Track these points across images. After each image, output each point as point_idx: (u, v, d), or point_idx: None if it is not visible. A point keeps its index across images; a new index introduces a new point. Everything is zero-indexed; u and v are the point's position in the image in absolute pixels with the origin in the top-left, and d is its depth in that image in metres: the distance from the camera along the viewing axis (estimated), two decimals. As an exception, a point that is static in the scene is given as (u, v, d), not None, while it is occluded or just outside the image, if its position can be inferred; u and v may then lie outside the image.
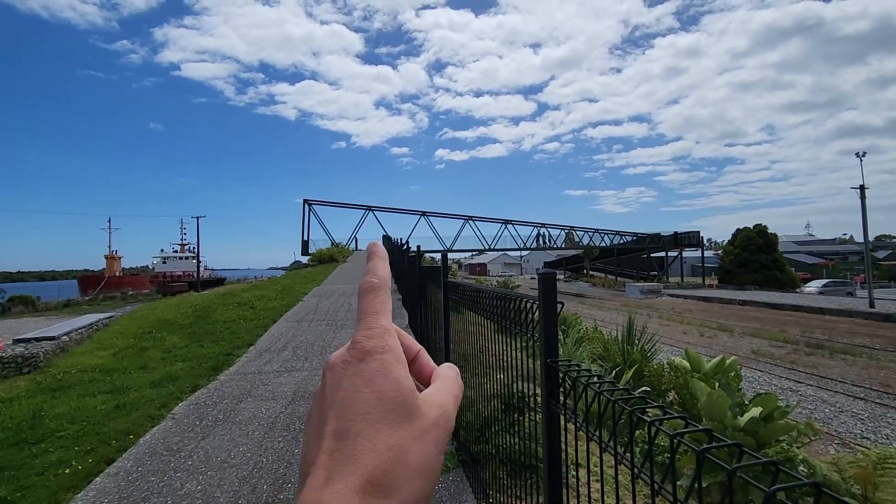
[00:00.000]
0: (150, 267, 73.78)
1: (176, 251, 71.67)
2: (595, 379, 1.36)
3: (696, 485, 0.86)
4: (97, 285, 53.07)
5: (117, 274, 61.80)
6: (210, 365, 7.07)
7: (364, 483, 0.29)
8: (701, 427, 0.95)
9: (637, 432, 1.16)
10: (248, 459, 3.97)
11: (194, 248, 55.45)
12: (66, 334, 10.03)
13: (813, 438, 4.19)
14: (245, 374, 6.52)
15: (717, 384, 4.59)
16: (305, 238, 38.39)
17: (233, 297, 14.64)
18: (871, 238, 30.68)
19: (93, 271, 68.41)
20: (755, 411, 3.69)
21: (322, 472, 0.30)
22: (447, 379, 0.40)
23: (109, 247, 65.73)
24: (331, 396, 0.34)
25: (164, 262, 68.54)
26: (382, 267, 0.41)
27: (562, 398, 1.57)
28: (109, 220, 67.79)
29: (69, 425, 5.14)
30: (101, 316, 13.65)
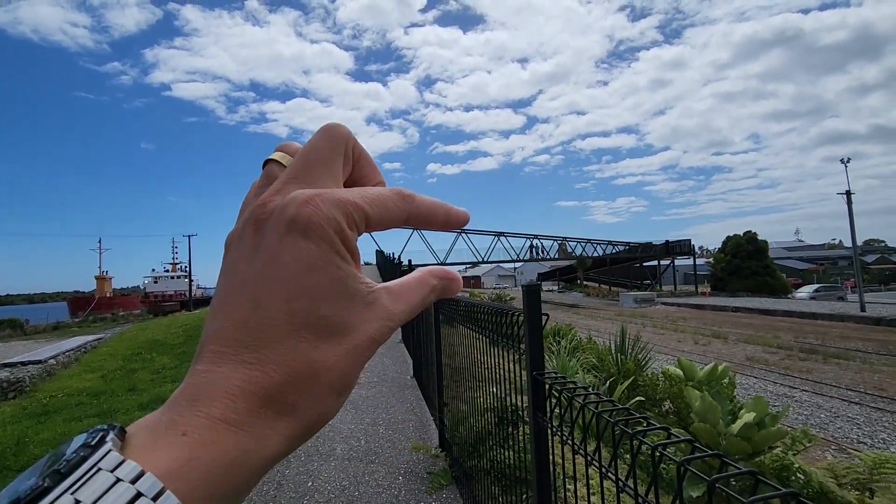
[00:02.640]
0: (142, 287, 73.17)
1: (167, 271, 71.15)
2: (581, 391, 1.34)
3: (679, 497, 0.84)
4: (87, 307, 52.45)
5: (108, 295, 61.20)
6: (200, 385, 6.96)
7: (265, 398, 0.23)
8: (683, 438, 0.94)
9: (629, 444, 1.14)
10: (237, 482, 3.88)
11: (186, 267, 55.04)
12: (53, 357, 9.85)
13: (808, 445, 4.18)
14: (236, 394, 6.43)
15: (708, 392, 4.58)
16: (298, 254, 38.23)
17: (224, 315, 14.48)
18: (859, 242, 31.08)
19: (83, 293, 67.68)
20: (748, 417, 3.67)
21: (219, 364, 0.24)
22: (412, 284, 0.31)
23: (100, 268, 65.29)
24: (253, 266, 0.26)
25: (156, 282, 67.95)
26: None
27: (548, 411, 1.55)
28: (100, 241, 67.43)
29: (54, 451, 5.03)
30: (90, 338, 13.45)
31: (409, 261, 7.79)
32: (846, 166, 30.52)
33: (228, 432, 0.22)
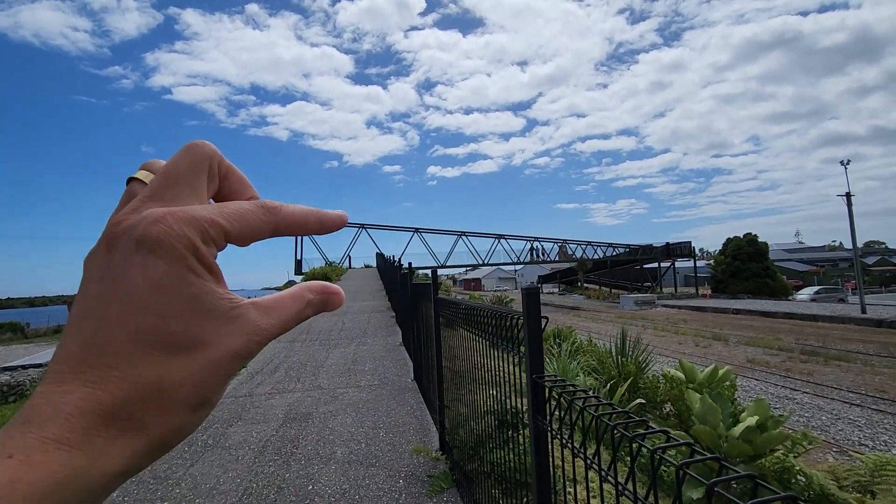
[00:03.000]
0: (142, 290, 73.03)
1: (168, 273, 71.19)
2: (580, 394, 1.34)
3: (678, 501, 0.85)
4: (88, 310, 52.40)
5: (108, 298, 61.14)
6: (200, 389, 6.95)
7: (105, 415, 0.23)
8: (682, 441, 0.94)
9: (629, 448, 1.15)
10: (237, 486, 3.88)
11: (186, 269, 54.97)
12: (53, 361, 9.86)
13: (809, 447, 4.17)
14: (236, 397, 6.41)
15: (708, 394, 4.58)
16: (299, 257, 38.29)
17: (225, 318, 14.47)
18: (859, 244, 31.06)
19: (83, 296, 67.40)
20: (751, 420, 3.67)
21: (60, 384, 0.23)
22: (286, 298, 0.31)
23: (100, 271, 65.13)
24: (102, 285, 0.26)
25: (156, 285, 67.89)
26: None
27: (548, 414, 1.55)
28: (100, 244, 67.12)
29: (54, 455, 5.02)
30: (91, 341, 13.46)
31: (410, 263, 7.79)
32: (846, 168, 30.56)
33: (59, 451, 0.22)
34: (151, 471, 4.27)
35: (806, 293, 37.72)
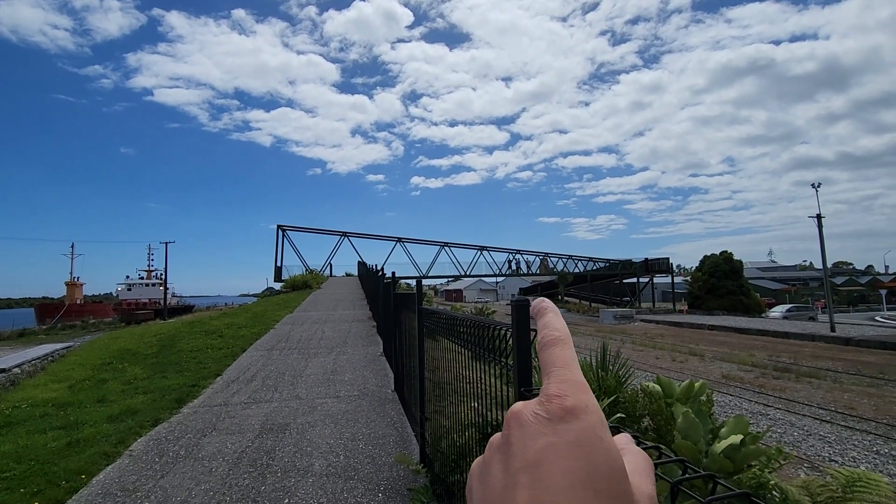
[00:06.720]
0: (115, 294, 71.13)
1: (142, 278, 69.39)
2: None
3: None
4: (56, 313, 50.59)
5: (78, 301, 59.11)
6: (174, 397, 6.75)
7: None
8: (676, 458, 0.94)
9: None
10: (210, 499, 3.75)
11: (162, 274, 53.78)
12: (18, 366, 9.49)
13: (783, 463, 4.24)
14: (211, 407, 6.24)
15: (687, 409, 4.62)
16: (279, 264, 37.71)
17: (201, 325, 14.14)
18: (829, 265, 32.07)
19: (52, 299, 65.22)
20: (735, 439, 3.70)
21: None
22: (643, 461, 0.32)
23: (71, 273, 63.04)
24: (522, 455, 0.28)
25: (129, 289, 66.22)
26: (559, 320, 0.36)
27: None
28: (72, 246, 65.04)
29: (15, 465, 4.79)
30: (58, 346, 12.99)
31: (393, 273, 7.74)
32: (817, 191, 31.61)
33: None
34: (119, 482, 4.11)
35: (778, 311, 38.70)
